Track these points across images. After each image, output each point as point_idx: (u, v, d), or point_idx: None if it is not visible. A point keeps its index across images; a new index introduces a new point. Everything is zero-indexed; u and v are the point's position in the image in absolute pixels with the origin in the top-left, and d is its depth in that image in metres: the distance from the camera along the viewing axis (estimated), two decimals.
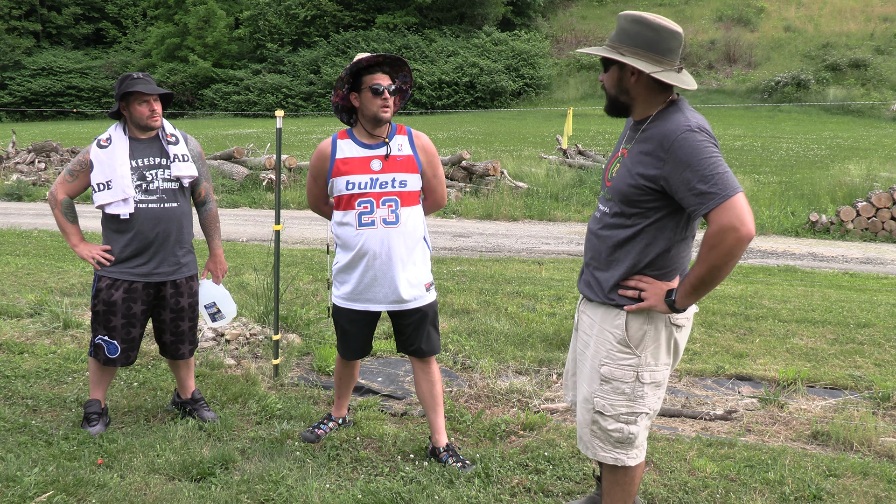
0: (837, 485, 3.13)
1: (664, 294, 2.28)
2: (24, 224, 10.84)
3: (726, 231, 2.07)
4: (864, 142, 21.66)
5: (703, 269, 2.16)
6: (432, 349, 3.33)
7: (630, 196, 2.28)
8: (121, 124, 3.51)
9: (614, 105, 2.38)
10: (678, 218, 2.29)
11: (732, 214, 2.07)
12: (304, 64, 39.50)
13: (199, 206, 3.72)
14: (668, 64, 2.25)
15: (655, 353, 2.36)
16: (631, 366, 2.35)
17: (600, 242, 2.41)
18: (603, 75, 2.38)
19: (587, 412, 2.45)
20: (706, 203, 2.10)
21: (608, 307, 2.39)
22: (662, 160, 2.19)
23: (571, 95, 34.85)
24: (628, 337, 2.34)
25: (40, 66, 44.02)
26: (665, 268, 2.34)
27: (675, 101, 2.31)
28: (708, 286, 2.20)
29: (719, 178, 2.09)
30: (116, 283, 3.45)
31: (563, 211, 12.17)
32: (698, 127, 2.18)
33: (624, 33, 2.27)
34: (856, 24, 36.97)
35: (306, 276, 7.01)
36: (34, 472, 3.06)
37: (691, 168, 2.12)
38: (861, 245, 10.28)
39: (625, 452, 2.42)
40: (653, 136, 2.24)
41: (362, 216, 3.14)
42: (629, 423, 2.38)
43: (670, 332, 2.36)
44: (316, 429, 3.56)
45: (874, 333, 5.44)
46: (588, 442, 2.49)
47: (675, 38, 2.25)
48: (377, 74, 3.13)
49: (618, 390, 2.37)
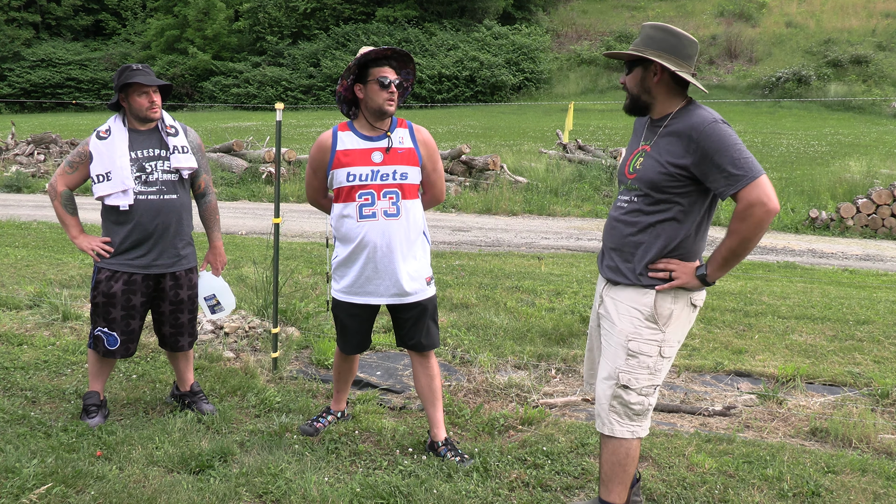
0: (836, 481, 3.14)
1: (693, 271, 2.52)
2: (24, 216, 10.82)
3: (755, 205, 2.35)
4: (865, 138, 21.64)
5: (734, 241, 2.42)
6: (432, 343, 3.32)
7: (660, 183, 2.50)
8: (120, 116, 3.49)
9: (636, 103, 2.63)
10: (702, 203, 2.54)
11: (760, 191, 2.35)
12: (303, 57, 39.40)
13: (198, 198, 3.71)
14: (687, 68, 2.54)
15: (676, 330, 2.58)
16: (656, 341, 2.56)
17: (627, 227, 2.61)
18: (625, 77, 2.63)
19: (609, 388, 2.62)
20: (736, 184, 2.37)
21: (637, 287, 2.58)
22: (693, 149, 2.43)
23: (572, 90, 34.79)
24: (657, 314, 2.54)
25: (39, 57, 43.89)
26: (689, 251, 2.56)
27: (691, 100, 2.58)
28: (737, 258, 2.46)
29: (746, 161, 2.37)
30: (116, 275, 3.44)
31: (562, 206, 12.16)
32: (721, 119, 2.45)
33: (650, 39, 2.54)
34: (857, 20, 36.90)
35: (305, 270, 7.00)
36: (33, 464, 3.06)
37: (720, 154, 2.38)
38: (861, 242, 10.28)
39: (639, 425, 2.62)
40: (679, 129, 2.48)
41: (363, 208, 3.13)
42: (648, 396, 2.60)
43: (690, 311, 2.60)
44: (315, 422, 3.56)
45: (873, 330, 5.44)
46: (605, 417, 2.64)
47: (693, 46, 2.55)
48: (384, 67, 3.13)
49: (643, 364, 2.57)
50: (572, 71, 36.84)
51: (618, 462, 2.64)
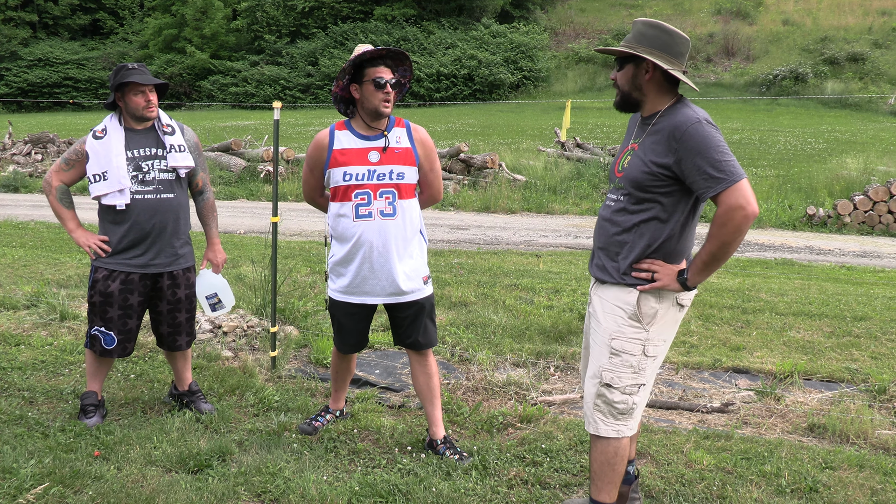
0: (833, 477, 3.14)
1: (675, 274, 2.49)
2: (21, 215, 10.80)
3: (734, 210, 2.31)
4: (862, 135, 21.67)
5: (713, 245, 2.39)
6: (429, 342, 3.32)
7: (643, 183, 2.48)
8: (116, 115, 3.49)
9: (626, 100, 2.59)
10: (686, 203, 2.50)
11: (739, 195, 2.31)
12: (301, 56, 39.35)
13: (196, 196, 3.70)
14: (678, 66, 2.50)
15: (661, 329, 2.56)
16: (639, 339, 2.54)
17: (613, 227, 2.59)
18: (616, 73, 2.60)
19: (593, 386, 2.61)
20: (715, 186, 2.34)
21: (621, 286, 2.56)
22: (674, 149, 2.40)
23: (570, 88, 34.78)
24: (640, 313, 2.53)
25: (37, 56, 43.79)
26: (673, 251, 2.53)
27: (680, 98, 2.55)
28: (717, 262, 2.43)
29: (727, 164, 2.33)
30: (113, 275, 3.43)
31: (560, 204, 12.16)
32: (705, 119, 2.41)
33: (641, 36, 2.50)
34: (854, 17, 36.92)
35: (304, 269, 7.00)
36: (30, 464, 3.05)
37: (702, 155, 2.35)
38: (858, 238, 10.30)
39: (625, 424, 2.60)
40: (663, 128, 2.46)
41: (359, 208, 3.12)
42: (632, 395, 2.58)
43: (675, 311, 2.57)
44: (313, 421, 3.55)
45: (871, 326, 5.45)
46: (590, 416, 2.64)
47: (685, 44, 2.51)
48: (380, 67, 3.11)
49: (626, 363, 2.55)
50: (570, 69, 36.82)
51: (606, 461, 2.63)
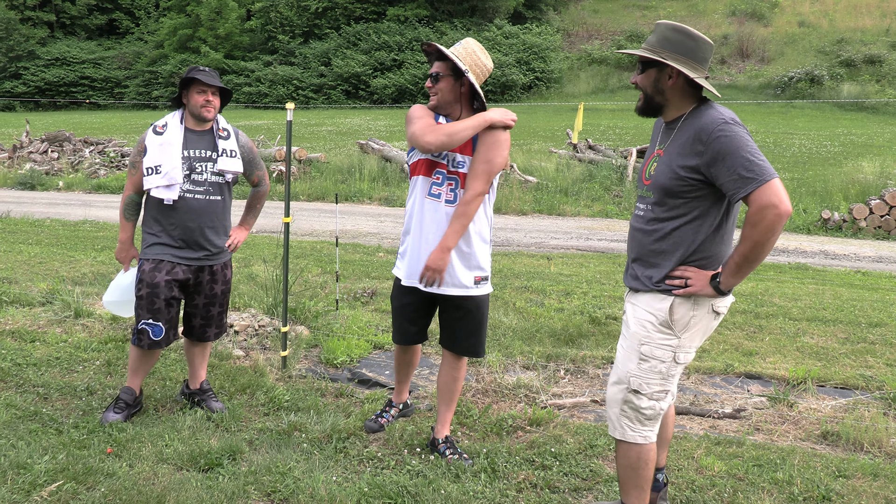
0: (847, 486, 3.11)
1: (708, 279, 2.45)
2: (37, 213, 10.90)
3: (767, 209, 2.28)
4: (878, 139, 21.45)
5: (746, 246, 2.34)
6: (474, 350, 3.29)
7: (673, 188, 2.45)
8: (179, 113, 3.60)
9: (649, 104, 2.56)
10: (718, 207, 2.46)
11: (772, 193, 2.27)
12: (315, 56, 39.47)
13: (253, 187, 3.87)
14: (702, 72, 2.47)
15: (693, 336, 2.53)
16: (670, 346, 2.51)
17: (646, 237, 2.56)
18: (637, 76, 2.56)
19: (620, 392, 2.59)
20: (746, 186, 2.30)
21: (654, 293, 2.54)
22: (701, 151, 2.37)
23: (582, 90, 34.68)
24: (672, 320, 2.49)
25: (54, 56, 44.29)
26: (710, 257, 2.49)
27: (704, 100, 2.52)
28: (751, 264, 2.38)
29: (757, 163, 2.30)
30: (159, 265, 3.51)
31: (572, 206, 12.13)
32: (732, 119, 2.37)
33: (666, 40, 2.47)
34: (871, 19, 36.57)
35: (315, 269, 7.02)
36: (44, 460, 3.08)
37: (732, 156, 2.31)
38: (874, 243, 10.19)
39: (651, 430, 2.59)
40: (689, 130, 2.43)
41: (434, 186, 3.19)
42: (660, 401, 2.56)
43: (710, 318, 2.54)
44: (378, 417, 3.58)
45: (886, 333, 5.39)
46: (616, 422, 2.62)
47: (709, 49, 2.48)
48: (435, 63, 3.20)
49: (655, 369, 2.53)
50: (583, 70, 36.71)
51: (630, 466, 2.62)
